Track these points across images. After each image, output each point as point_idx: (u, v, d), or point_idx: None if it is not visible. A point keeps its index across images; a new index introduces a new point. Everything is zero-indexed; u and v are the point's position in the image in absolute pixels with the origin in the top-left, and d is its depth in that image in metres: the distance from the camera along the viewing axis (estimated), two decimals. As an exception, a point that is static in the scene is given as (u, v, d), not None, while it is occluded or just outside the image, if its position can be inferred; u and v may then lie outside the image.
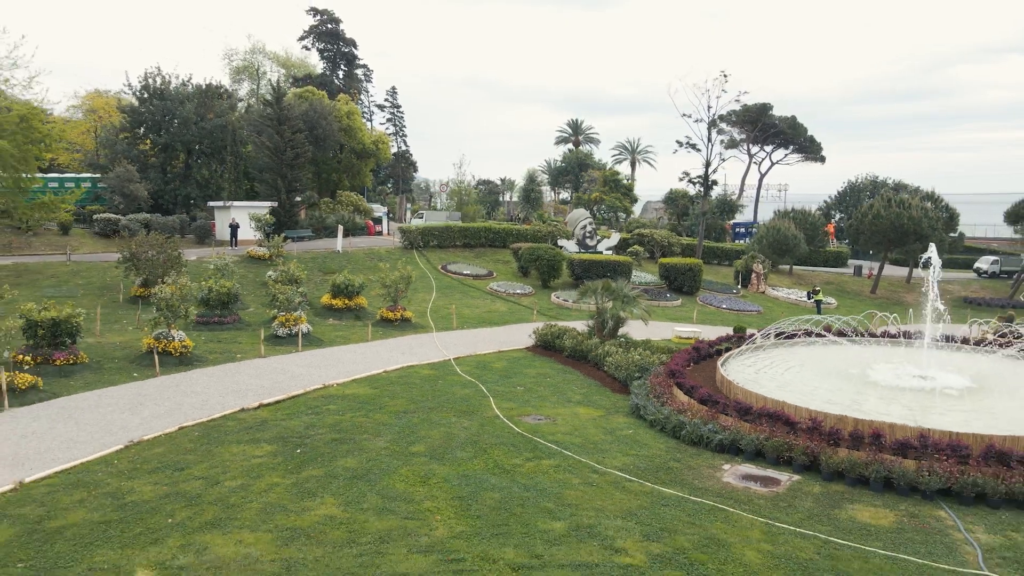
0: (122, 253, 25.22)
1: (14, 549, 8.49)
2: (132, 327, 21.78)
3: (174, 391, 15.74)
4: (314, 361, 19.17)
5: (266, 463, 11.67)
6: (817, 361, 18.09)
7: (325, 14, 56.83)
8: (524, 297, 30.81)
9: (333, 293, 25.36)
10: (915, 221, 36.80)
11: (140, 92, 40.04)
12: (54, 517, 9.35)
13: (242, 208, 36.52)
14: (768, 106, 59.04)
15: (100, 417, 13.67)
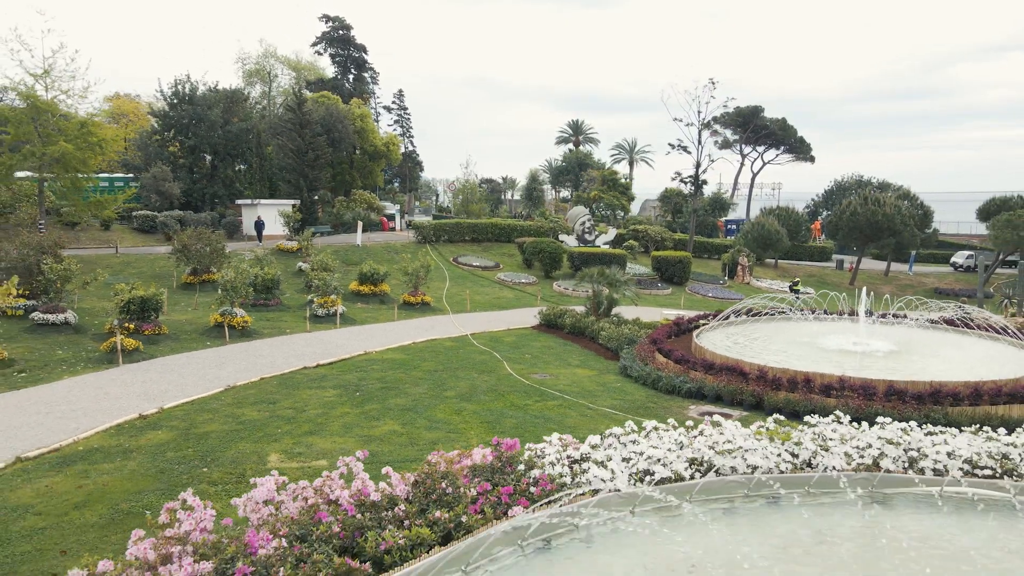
0: (174, 246, 28.98)
1: (178, 442, 12.27)
2: (191, 308, 25.55)
3: (245, 354, 19.55)
4: (352, 335, 22.99)
5: (335, 400, 15.47)
6: (777, 333, 21.91)
7: (337, 21, 60.61)
8: (528, 286, 34.64)
9: (360, 280, 29.15)
10: (888, 218, 40.61)
11: (170, 98, 43.84)
12: (197, 427, 13.13)
13: (268, 206, 40.29)
14: (759, 108, 62.84)
15: (196, 370, 17.48)
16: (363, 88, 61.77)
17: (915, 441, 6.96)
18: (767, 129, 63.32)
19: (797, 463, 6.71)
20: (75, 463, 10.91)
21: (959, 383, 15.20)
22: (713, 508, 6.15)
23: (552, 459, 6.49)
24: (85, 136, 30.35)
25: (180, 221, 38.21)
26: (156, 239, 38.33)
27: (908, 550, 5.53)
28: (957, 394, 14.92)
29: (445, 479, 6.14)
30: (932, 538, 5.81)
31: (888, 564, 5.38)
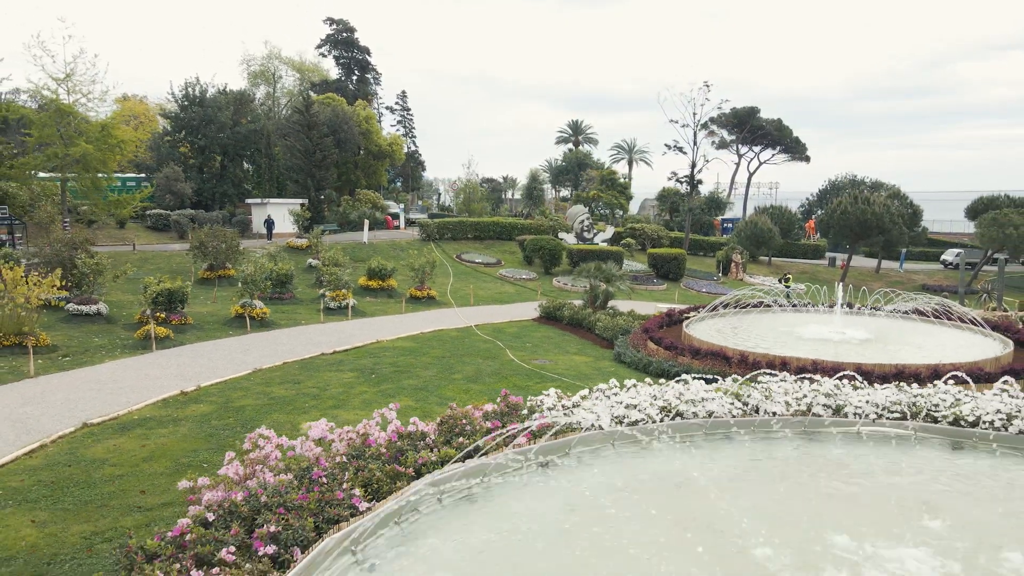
0: (192, 243, 30.65)
1: (219, 413, 13.93)
2: (210, 301, 27.21)
3: (266, 342, 21.23)
4: (363, 325, 24.67)
5: (354, 381, 17.14)
6: (761, 323, 23.60)
7: (341, 23, 62.31)
8: (529, 281, 36.34)
9: (369, 276, 30.85)
10: (877, 216, 42.30)
11: (181, 100, 45.54)
12: (233, 402, 14.81)
13: (278, 205, 41.99)
14: (755, 109, 64.55)
15: (223, 356, 19.16)
16: (366, 90, 63.49)
17: (844, 394, 8.64)
18: (763, 129, 65.03)
19: (746, 409, 8.39)
20: (134, 428, 12.59)
21: (921, 365, 16.88)
22: (677, 443, 7.83)
23: (549, 405, 8.17)
24: (105, 138, 32.04)
25: (192, 220, 39.89)
26: (169, 237, 40.02)
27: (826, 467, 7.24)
28: (918, 375, 16.57)
29: (464, 419, 7.82)
30: (846, 461, 7.50)
31: (809, 475, 7.07)
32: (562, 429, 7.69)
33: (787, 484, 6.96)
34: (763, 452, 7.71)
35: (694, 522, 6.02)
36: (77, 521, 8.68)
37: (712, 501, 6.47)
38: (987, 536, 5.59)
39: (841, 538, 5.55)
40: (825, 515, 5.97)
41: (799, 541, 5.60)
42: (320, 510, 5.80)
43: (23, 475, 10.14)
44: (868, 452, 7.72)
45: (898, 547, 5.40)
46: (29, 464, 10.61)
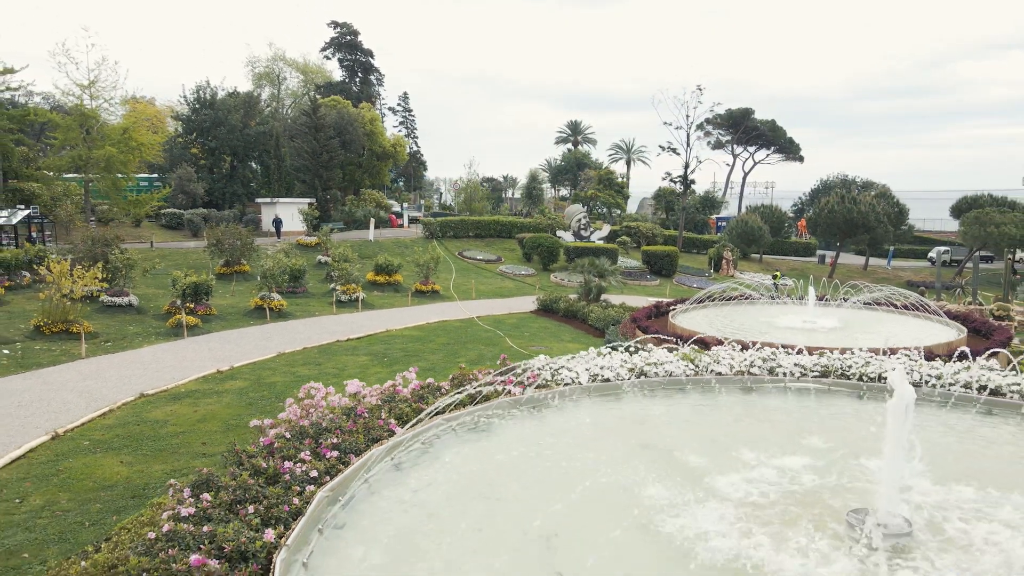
0: (209, 240, 32.77)
1: (253, 387, 16.03)
2: (229, 295, 29.32)
3: (285, 331, 23.35)
4: (373, 316, 26.80)
5: (368, 363, 19.25)
6: (742, 314, 25.71)
7: (345, 27, 64.42)
8: (528, 277, 38.46)
9: (376, 271, 32.97)
10: (863, 215, 44.41)
11: (193, 103, 47.67)
12: (264, 379, 16.92)
13: (286, 204, 44.12)
14: (750, 110, 66.67)
15: (249, 342, 21.28)
16: (370, 91, 65.60)
17: (777, 359, 10.75)
18: (757, 130, 67.13)
19: (698, 370, 10.50)
20: (184, 398, 14.70)
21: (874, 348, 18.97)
22: (641, 394, 9.94)
23: (539, 366, 10.28)
24: (127, 141, 34.18)
25: (204, 218, 42.02)
26: (183, 235, 42.15)
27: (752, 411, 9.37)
28: (875, 357, 18.68)
29: (471, 376, 9.92)
30: (770, 406, 9.62)
31: (737, 415, 9.19)
32: (548, 382, 9.80)
33: (720, 421, 9.07)
34: (707, 401, 9.82)
35: (648, 443, 8.13)
36: (156, 462, 10.79)
37: (663, 432, 8.58)
38: (852, 450, 7.70)
39: (749, 452, 7.65)
40: (742, 440, 8.06)
41: (719, 454, 7.71)
42: (366, 432, 7.92)
43: (102, 431, 12.26)
44: (789, 401, 9.84)
45: (784, 456, 7.51)
46: (104, 423, 12.72)
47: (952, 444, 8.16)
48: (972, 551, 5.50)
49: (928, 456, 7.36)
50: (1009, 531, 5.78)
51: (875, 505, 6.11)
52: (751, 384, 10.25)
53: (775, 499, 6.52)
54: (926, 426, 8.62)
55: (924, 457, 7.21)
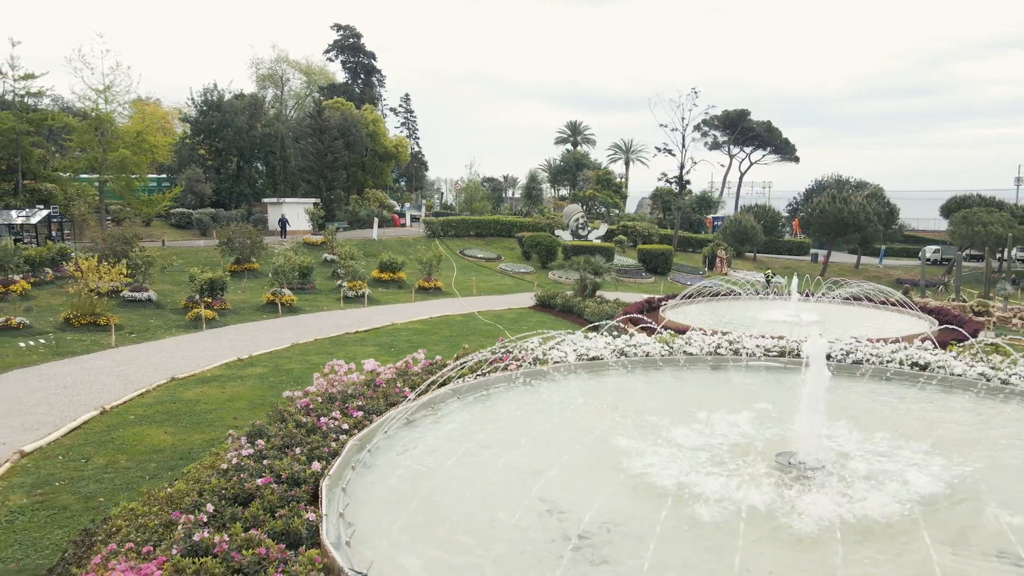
0: (220, 239, 34.32)
1: (273, 373, 17.58)
2: (240, 291, 30.88)
3: (297, 324, 24.91)
4: (378, 311, 28.35)
5: (376, 353, 20.77)
6: (729, 309, 27.28)
7: (348, 29, 66.01)
8: (527, 275, 40.03)
9: (380, 269, 34.52)
10: (853, 215, 45.96)
11: (200, 105, 49.25)
12: (282, 366, 18.47)
13: (292, 204, 45.69)
14: (746, 112, 68.20)
15: (264, 334, 22.84)
16: (372, 92, 67.17)
17: (742, 342, 12.31)
18: (753, 131, 68.67)
19: (672, 351, 12.06)
20: (211, 381, 16.26)
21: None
22: (621, 371, 11.50)
23: (532, 347, 11.83)
24: (140, 143, 35.75)
25: (213, 218, 43.59)
26: (192, 234, 43.72)
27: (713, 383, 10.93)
28: (848, 347, 20.24)
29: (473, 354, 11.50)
30: (730, 379, 11.18)
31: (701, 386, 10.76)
32: (541, 360, 11.37)
33: (685, 391, 10.64)
34: (678, 376, 11.39)
35: (622, 405, 9.69)
36: (195, 433, 12.35)
37: (636, 398, 10.14)
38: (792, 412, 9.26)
39: (705, 413, 9.21)
40: (701, 405, 9.61)
41: (680, 415, 9.27)
42: (384, 398, 9.49)
43: (143, 408, 13.83)
44: (748, 376, 11.41)
45: (733, 415, 9.07)
46: (143, 402, 14.29)
47: (875, 406, 9.73)
48: (863, 479, 7.08)
49: (854, 415, 8.94)
50: (896, 466, 7.35)
51: (797, 448, 7.68)
52: (717, 363, 11.80)
53: (719, 445, 8.09)
54: (860, 392, 10.20)
55: (851, 415, 8.80)
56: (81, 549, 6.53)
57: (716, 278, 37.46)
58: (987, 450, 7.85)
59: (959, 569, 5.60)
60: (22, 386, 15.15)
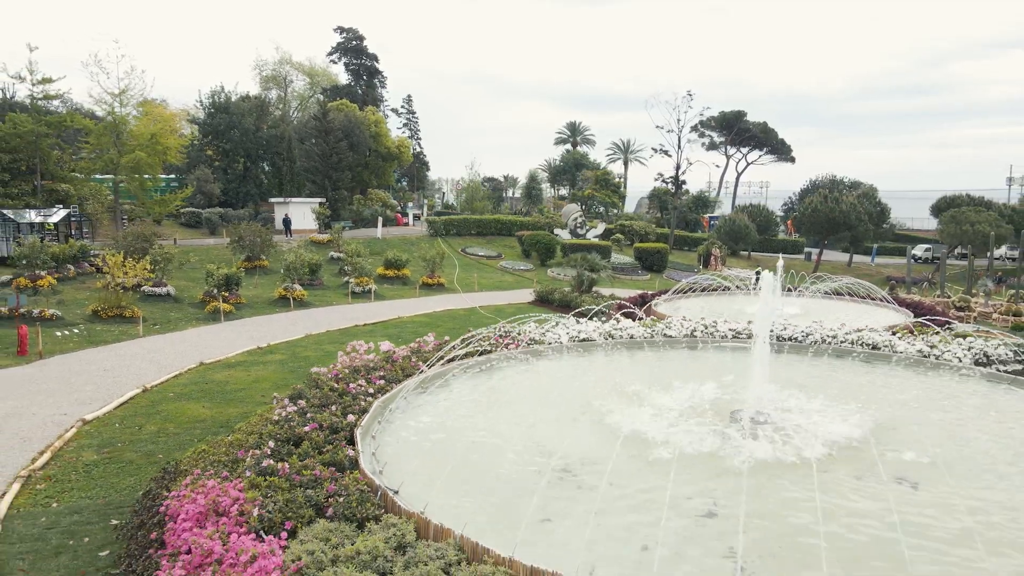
0: (232, 237, 35.94)
1: (291, 360, 19.17)
2: (252, 287, 32.51)
3: (308, 317, 26.54)
4: (385, 306, 29.99)
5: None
6: (717, 303, 28.92)
7: (351, 32, 67.64)
8: (527, 272, 41.66)
9: (386, 266, 36.16)
10: (844, 214, 47.57)
11: (208, 108, 50.88)
12: (299, 353, 20.08)
13: (299, 204, 47.32)
14: (742, 113, 69.82)
15: (278, 325, 24.47)
16: (374, 94, 68.80)
17: (716, 326, 13.95)
18: (750, 132, 70.30)
19: (653, 334, 13.69)
20: (236, 366, 17.89)
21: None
22: (607, 351, 13.13)
23: (529, 330, 13.47)
24: (154, 145, 37.38)
25: (222, 217, 45.22)
26: (202, 232, 45.34)
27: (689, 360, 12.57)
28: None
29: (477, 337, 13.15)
30: (704, 356, 12.81)
31: (679, 362, 12.40)
32: (539, 341, 13.01)
33: (662, 367, 12.27)
34: (657, 354, 13.03)
35: (607, 378, 11.32)
36: (229, 407, 13.97)
37: (619, 371, 11.78)
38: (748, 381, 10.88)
39: (677, 383, 10.84)
40: (674, 376, 11.24)
41: (655, 384, 10.89)
42: (402, 370, 11.12)
43: (179, 387, 15.47)
44: (720, 355, 13.04)
45: (701, 385, 10.71)
46: (179, 382, 15.93)
47: (822, 377, 11.38)
48: (797, 428, 8.71)
49: (803, 383, 10.58)
50: (827, 419, 8.99)
51: (748, 406, 9.32)
52: (692, 344, 13.44)
53: (686, 406, 9.73)
54: (813, 366, 11.83)
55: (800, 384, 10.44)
56: (163, 482, 8.16)
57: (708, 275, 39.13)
58: (902, 408, 9.50)
59: (860, 489, 7.23)
60: (66, 369, 16.79)
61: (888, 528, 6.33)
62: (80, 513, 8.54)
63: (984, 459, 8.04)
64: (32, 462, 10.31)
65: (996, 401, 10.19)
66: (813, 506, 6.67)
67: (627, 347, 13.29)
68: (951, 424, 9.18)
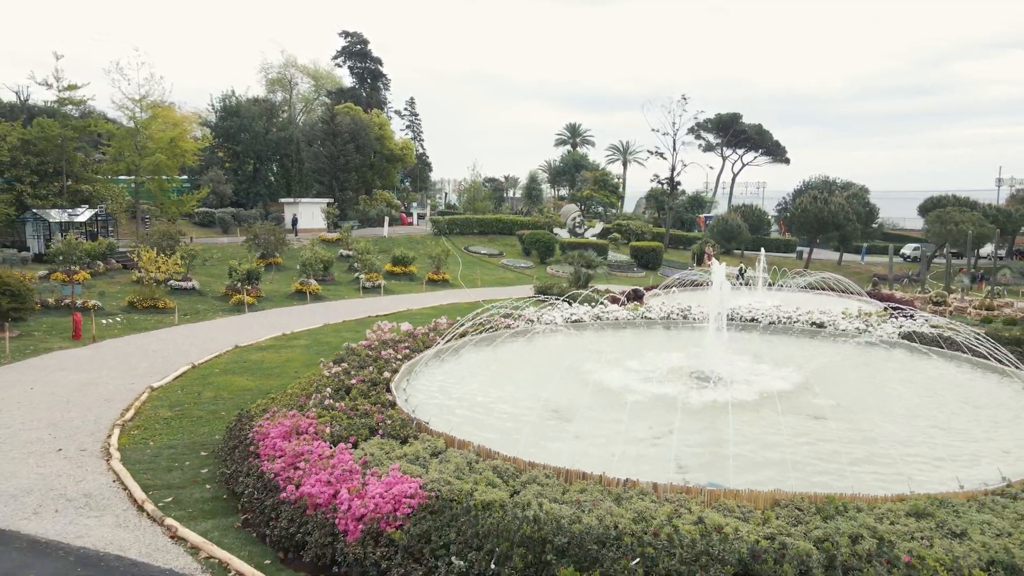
0: (247, 236, 38.29)
1: (315, 344, 21.51)
2: (268, 282, 34.87)
3: (324, 309, 28.91)
4: (394, 299, 32.36)
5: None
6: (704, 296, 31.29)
7: (355, 36, 70.07)
8: (527, 269, 44.04)
9: (393, 263, 38.53)
10: (832, 214, 49.94)
11: (220, 112, 53.27)
12: (321, 339, 22.42)
13: (308, 204, 49.69)
14: (738, 115, 72.18)
15: (298, 316, 26.84)
16: (378, 97, 71.21)
17: (690, 308, 16.31)
18: (745, 134, 72.67)
19: (635, 316, 16.05)
20: (266, 349, 20.24)
21: (802, 319, 24.48)
22: (598, 329, 15.49)
23: (530, 312, 15.84)
24: (172, 148, 39.73)
25: (234, 217, 47.60)
26: (215, 231, 47.71)
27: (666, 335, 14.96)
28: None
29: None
30: (678, 333, 15.19)
31: (658, 338, 14.78)
32: (536, 322, 15.39)
33: (640, 341, 14.63)
34: (639, 331, 15.40)
35: (594, 350, 13.68)
36: (268, 380, 16.33)
37: (606, 345, 14.14)
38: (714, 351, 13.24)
39: (651, 353, 13.20)
40: (650, 348, 13.59)
41: (632, 354, 13.25)
42: (422, 343, 13.49)
43: (222, 365, 17.83)
44: (692, 332, 15.41)
45: (671, 354, 13.07)
46: (220, 361, 18.30)
47: (773, 348, 13.74)
48: (742, 383, 11.08)
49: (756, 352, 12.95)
50: (767, 378, 11.36)
51: (705, 368, 11.69)
52: (670, 323, 15.82)
53: (657, 369, 12.11)
54: (766, 341, 14.19)
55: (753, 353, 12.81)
56: (243, 421, 10.50)
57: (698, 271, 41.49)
58: (829, 369, 11.87)
59: (781, 422, 9.60)
60: (119, 351, 19.16)
61: (794, 447, 8.69)
62: (173, 448, 10.91)
63: (879, 404, 10.40)
64: (121, 416, 12.69)
65: (907, 364, 12.58)
66: (742, 432, 9.03)
67: (613, 327, 15.66)
68: (864, 380, 11.54)
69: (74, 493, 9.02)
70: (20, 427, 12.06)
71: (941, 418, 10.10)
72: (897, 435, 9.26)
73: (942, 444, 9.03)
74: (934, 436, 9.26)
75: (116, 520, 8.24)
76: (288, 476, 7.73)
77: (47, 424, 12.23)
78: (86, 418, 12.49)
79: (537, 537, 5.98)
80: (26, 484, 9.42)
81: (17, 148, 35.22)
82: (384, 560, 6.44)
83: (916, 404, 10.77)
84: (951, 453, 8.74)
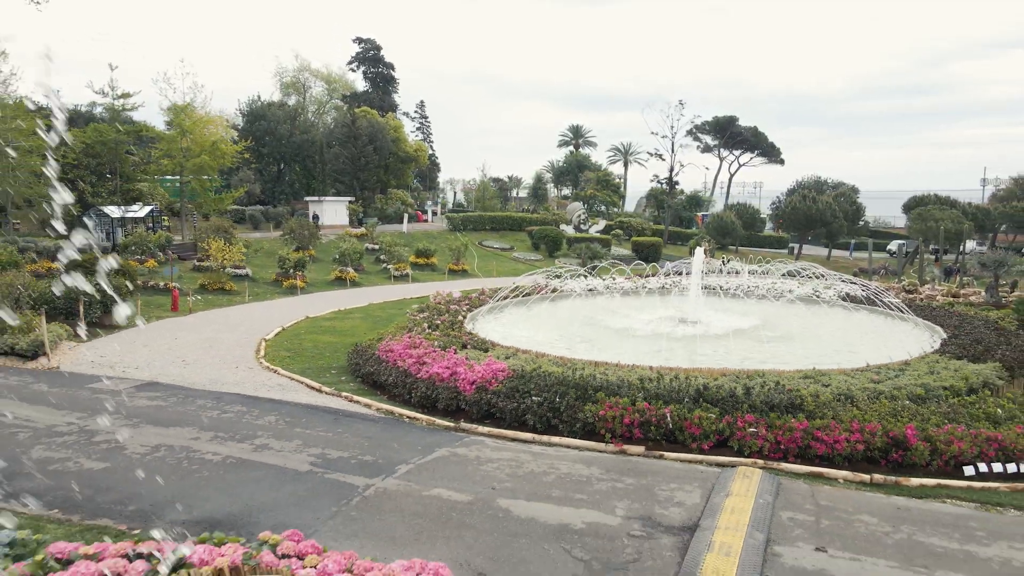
0: (284, 231, 42.95)
1: (369, 317, 26.17)
2: (308, 271, 39.50)
3: (364, 293, 33.58)
4: (420, 286, 37.05)
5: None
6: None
7: (369, 42, 74.82)
8: (536, 262, 48.79)
9: (417, 255, 43.26)
10: (820, 212, 54.71)
11: (248, 116, 57.98)
12: (371, 314, 27.05)
13: (332, 202, 54.42)
14: (735, 118, 77.02)
15: (343, 298, 31.50)
16: (391, 101, 75.98)
17: (683, 281, 21.03)
18: (741, 135, 77.51)
19: (638, 287, 20.77)
20: (332, 320, 24.90)
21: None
22: (607, 296, 20.23)
23: (553, 283, 20.56)
24: (214, 150, 44.43)
25: (263, 214, 52.29)
26: (246, 227, 52.39)
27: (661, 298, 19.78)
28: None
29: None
30: (671, 299, 19.94)
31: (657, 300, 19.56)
32: (558, 290, 20.15)
33: (643, 303, 19.36)
34: (639, 297, 20.13)
35: (605, 307, 18.42)
36: (347, 337, 20.98)
37: (614, 305, 18.87)
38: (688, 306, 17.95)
39: (651, 309, 17.91)
40: (650, 307, 18.28)
41: (637, 310, 17.98)
42: (477, 302, 18.22)
43: (304, 328, 22.51)
44: (681, 298, 20.14)
45: (664, 311, 17.78)
46: (301, 326, 22.98)
47: (740, 306, 18.48)
48: (715, 323, 15.83)
49: (725, 308, 17.70)
50: (734, 320, 16.11)
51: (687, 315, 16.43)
52: (663, 292, 20.58)
53: (654, 319, 16.84)
54: (736, 302, 18.93)
55: (724, 308, 17.55)
56: (360, 349, 15.16)
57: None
58: (780, 318, 16.59)
59: (742, 345, 14.31)
60: (214, 320, 23.83)
61: (746, 354, 13.40)
62: (310, 368, 15.60)
63: (810, 333, 15.10)
64: (255, 354, 17.38)
65: (839, 315, 17.29)
66: (713, 350, 13.75)
67: (620, 294, 20.39)
68: (804, 322, 16.27)
69: (270, 384, 13.76)
70: (196, 359, 16.75)
71: (849, 340, 14.81)
72: (815, 350, 13.97)
73: (845, 352, 13.75)
74: (840, 350, 13.99)
75: (308, 395, 12.95)
76: (418, 366, 12.41)
77: (212, 357, 16.92)
78: (233, 355, 17.22)
79: (582, 384, 10.71)
80: (234, 379, 14.14)
81: (80, 151, 39.95)
82: (489, 403, 11.15)
83: (836, 335, 15.48)
84: (847, 357, 13.44)
